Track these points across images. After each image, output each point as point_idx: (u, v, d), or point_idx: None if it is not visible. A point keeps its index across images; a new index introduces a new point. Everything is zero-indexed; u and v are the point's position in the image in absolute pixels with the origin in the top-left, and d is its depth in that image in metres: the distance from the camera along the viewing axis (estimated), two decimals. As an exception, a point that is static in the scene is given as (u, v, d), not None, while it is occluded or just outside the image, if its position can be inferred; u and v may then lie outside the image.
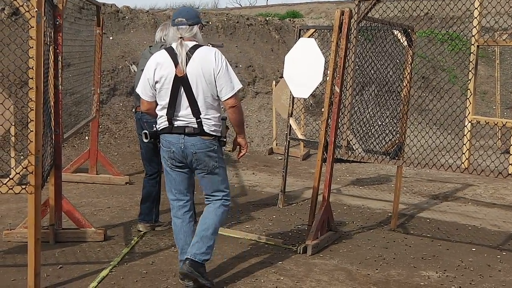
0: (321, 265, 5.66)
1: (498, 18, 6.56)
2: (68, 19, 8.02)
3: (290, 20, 19.30)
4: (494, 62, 14.81)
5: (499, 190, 9.50)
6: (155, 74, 4.64)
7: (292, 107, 8.42)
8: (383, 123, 7.28)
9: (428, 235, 6.84)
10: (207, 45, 5.64)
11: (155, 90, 4.69)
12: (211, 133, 4.67)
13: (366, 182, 9.99)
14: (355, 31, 6.28)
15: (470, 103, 5.49)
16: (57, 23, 5.66)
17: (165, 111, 4.67)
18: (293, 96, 8.14)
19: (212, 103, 4.65)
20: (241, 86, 4.74)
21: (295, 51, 7.64)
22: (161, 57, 4.67)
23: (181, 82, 4.58)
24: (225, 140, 4.79)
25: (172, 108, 4.63)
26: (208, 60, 4.59)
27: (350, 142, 6.46)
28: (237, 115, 4.73)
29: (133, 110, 6.76)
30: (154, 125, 4.89)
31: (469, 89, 5.54)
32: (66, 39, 6.95)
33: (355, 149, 6.44)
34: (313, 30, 8.47)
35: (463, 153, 5.55)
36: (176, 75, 4.58)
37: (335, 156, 6.44)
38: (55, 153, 5.67)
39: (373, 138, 7.13)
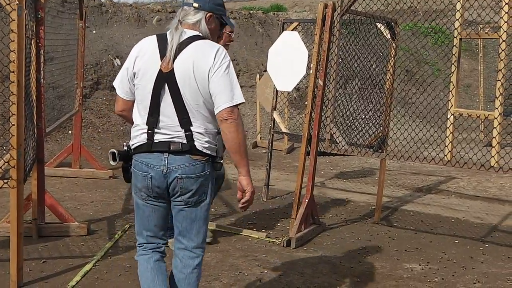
0: (305, 258, 5.67)
1: (480, 11, 6.59)
2: (50, 12, 7.96)
3: (274, 13, 19.28)
4: (478, 55, 14.89)
5: (482, 182, 9.56)
6: (134, 64, 3.48)
7: (276, 100, 8.42)
8: (367, 116, 7.30)
9: (411, 228, 6.87)
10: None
11: (133, 85, 3.52)
12: (205, 151, 3.43)
13: (350, 175, 10.02)
14: (338, 24, 6.28)
15: (453, 96, 5.52)
16: (39, 16, 5.62)
17: (143, 119, 3.46)
18: (276, 90, 8.14)
19: (206, 113, 3.41)
20: (244, 101, 3.43)
21: (278, 44, 7.63)
22: (146, 44, 3.52)
23: (166, 81, 3.38)
24: (221, 162, 3.55)
25: (155, 115, 3.42)
26: (204, 56, 3.37)
27: (334, 135, 6.48)
28: (235, 134, 3.34)
29: None
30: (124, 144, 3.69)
31: (451, 82, 5.57)
32: (49, 32, 6.90)
33: (338, 142, 6.46)
34: (297, 23, 8.47)
35: (446, 146, 5.59)
36: (160, 70, 3.38)
37: (318, 149, 6.46)
38: (38, 147, 5.63)
39: (357, 131, 7.16)
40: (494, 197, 8.66)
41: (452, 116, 5.53)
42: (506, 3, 5.30)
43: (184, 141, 3.40)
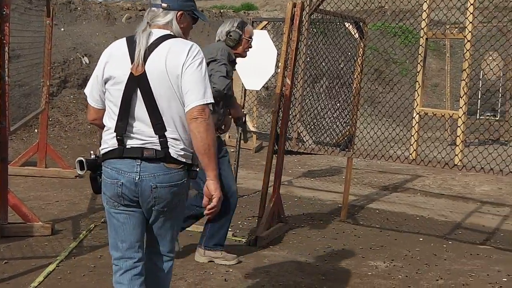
0: (271, 256, 5.68)
1: (446, 11, 6.66)
2: (17, 9, 7.89)
3: (244, 12, 19.27)
4: (445, 55, 15.03)
5: (447, 180, 9.66)
6: (104, 70, 3.28)
7: (244, 99, 8.43)
8: (334, 115, 7.34)
9: (377, 226, 6.93)
10: None
11: (104, 92, 3.32)
12: (180, 159, 3.24)
13: (318, 173, 10.06)
14: (306, 23, 6.32)
15: (418, 95, 5.59)
16: (4, 13, 5.55)
17: (113, 123, 3.28)
18: (245, 88, 8.14)
19: (181, 117, 3.22)
20: (213, 101, 3.25)
21: (247, 43, 7.63)
22: (116, 47, 3.35)
23: (137, 84, 3.20)
24: (197, 170, 3.35)
25: (124, 120, 3.23)
26: (177, 53, 3.21)
27: (301, 134, 6.50)
28: (205, 134, 3.14)
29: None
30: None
31: (417, 81, 5.63)
32: (15, 29, 6.83)
33: (305, 141, 6.49)
34: (266, 22, 8.53)
35: (411, 145, 5.64)
36: (131, 74, 3.21)
37: (285, 148, 6.48)
38: (1, 146, 5.56)
39: (324, 129, 7.19)
40: (459, 195, 8.76)
41: (418, 115, 5.59)
42: (471, 4, 5.37)
43: (158, 147, 3.20)
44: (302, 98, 6.41)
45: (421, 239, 6.48)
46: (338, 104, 7.33)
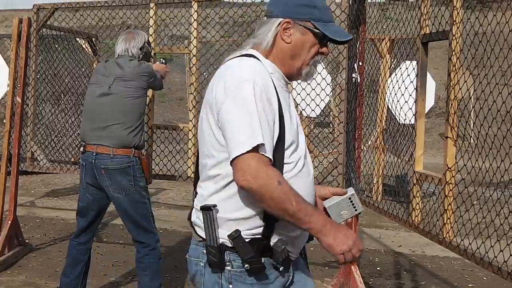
0: (8, 282, 5.47)
1: (180, 27, 6.87)
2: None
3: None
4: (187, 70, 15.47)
5: (191, 192, 9.90)
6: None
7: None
8: (77, 132, 7.23)
9: (120, 242, 6.92)
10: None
11: None
12: (196, 228, 2.49)
13: (62, 192, 9.83)
14: (35, 39, 6.18)
15: (150, 110, 5.69)
16: None
17: None
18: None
19: (212, 168, 2.34)
20: (256, 143, 2.13)
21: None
22: None
23: None
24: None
25: None
26: (215, 84, 2.28)
27: (35, 153, 6.32)
28: (261, 201, 2.18)
29: (82, 149, 4.70)
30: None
31: (148, 96, 5.73)
32: None
33: (39, 160, 6.32)
34: (-5, 39, 8.17)
35: (146, 159, 5.74)
36: None
37: (20, 169, 6.26)
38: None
39: (64, 147, 7.07)
40: (203, 205, 9.03)
41: (150, 129, 5.71)
42: (195, 20, 5.58)
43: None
44: (34, 116, 6.24)
45: (164, 251, 6.57)
46: (78, 120, 7.23)
